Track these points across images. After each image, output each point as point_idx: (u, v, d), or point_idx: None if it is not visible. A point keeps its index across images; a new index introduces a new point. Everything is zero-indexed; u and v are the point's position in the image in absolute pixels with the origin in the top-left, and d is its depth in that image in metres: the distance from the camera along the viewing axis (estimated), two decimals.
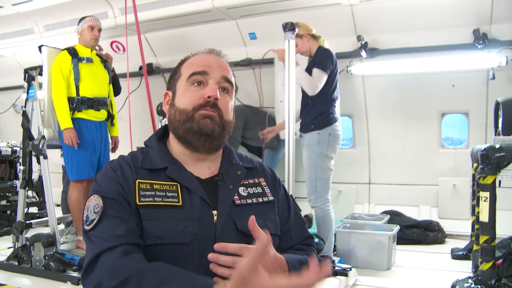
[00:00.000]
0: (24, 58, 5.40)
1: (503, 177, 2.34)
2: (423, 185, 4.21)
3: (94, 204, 0.92)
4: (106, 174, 0.97)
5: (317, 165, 2.97)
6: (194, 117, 0.98)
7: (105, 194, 0.92)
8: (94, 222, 0.89)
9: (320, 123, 2.97)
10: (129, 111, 3.38)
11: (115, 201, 0.91)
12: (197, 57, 1.06)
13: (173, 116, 1.02)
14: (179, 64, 1.08)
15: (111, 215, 0.89)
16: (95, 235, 0.88)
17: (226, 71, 1.04)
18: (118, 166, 0.98)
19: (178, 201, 0.94)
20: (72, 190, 3.03)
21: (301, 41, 3.01)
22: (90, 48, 3.11)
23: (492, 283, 2.28)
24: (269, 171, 1.14)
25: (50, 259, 2.78)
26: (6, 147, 4.65)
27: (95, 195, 0.93)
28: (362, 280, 2.73)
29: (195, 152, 1.02)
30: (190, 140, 1.00)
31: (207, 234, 0.92)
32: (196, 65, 1.02)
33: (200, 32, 4.44)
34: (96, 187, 0.95)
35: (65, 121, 2.89)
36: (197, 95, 0.99)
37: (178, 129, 1.01)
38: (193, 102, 0.99)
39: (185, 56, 1.09)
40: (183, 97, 1.01)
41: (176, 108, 1.01)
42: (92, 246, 0.87)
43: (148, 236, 0.89)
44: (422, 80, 3.97)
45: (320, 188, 2.98)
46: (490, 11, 3.44)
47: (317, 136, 2.97)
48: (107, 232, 0.87)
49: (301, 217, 1.15)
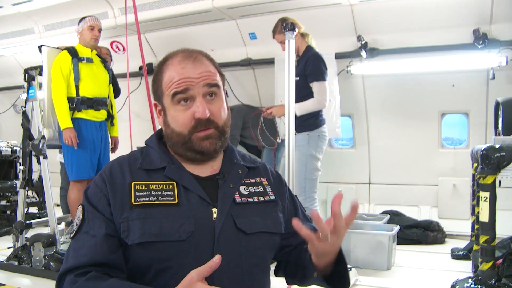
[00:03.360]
0: (24, 58, 5.39)
1: (503, 177, 2.34)
2: (423, 185, 4.21)
3: (78, 215, 0.96)
4: (95, 181, 0.99)
5: (306, 166, 3.02)
6: (192, 140, 0.98)
7: (86, 206, 0.96)
8: (73, 233, 0.95)
9: (310, 125, 3.03)
10: (129, 111, 3.37)
11: (94, 215, 0.93)
12: (173, 70, 0.98)
13: (170, 135, 1.01)
14: (156, 73, 1.02)
15: (84, 231, 0.93)
16: (71, 247, 0.93)
17: (207, 76, 0.97)
18: (109, 170, 0.99)
19: (173, 199, 0.94)
20: (72, 190, 3.04)
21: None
22: (90, 48, 3.11)
23: (492, 283, 2.28)
24: (273, 172, 1.14)
25: (50, 259, 2.78)
26: (6, 147, 4.65)
27: (81, 206, 0.98)
28: (362, 280, 2.73)
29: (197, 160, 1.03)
30: (193, 157, 1.01)
31: (205, 231, 0.92)
32: (176, 83, 0.96)
33: (200, 32, 4.44)
34: (85, 196, 0.99)
35: (65, 121, 2.89)
36: (187, 116, 0.96)
37: (177, 148, 1.01)
38: (186, 126, 0.97)
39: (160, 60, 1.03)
40: (174, 117, 0.98)
41: (172, 129, 1.00)
42: (65, 260, 0.93)
43: (143, 234, 0.89)
44: (422, 80, 3.97)
45: (308, 188, 3.04)
46: (490, 11, 3.44)
47: (307, 137, 3.02)
48: (77, 247, 0.92)
49: (308, 218, 1.16)
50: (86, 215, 0.94)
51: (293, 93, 2.66)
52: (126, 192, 0.94)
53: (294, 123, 2.70)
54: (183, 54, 1.00)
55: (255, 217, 0.99)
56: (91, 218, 0.93)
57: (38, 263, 2.83)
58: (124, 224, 0.91)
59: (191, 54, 1.00)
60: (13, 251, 3.05)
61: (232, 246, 0.94)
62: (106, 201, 0.94)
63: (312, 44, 3.09)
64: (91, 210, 0.94)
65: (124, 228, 0.91)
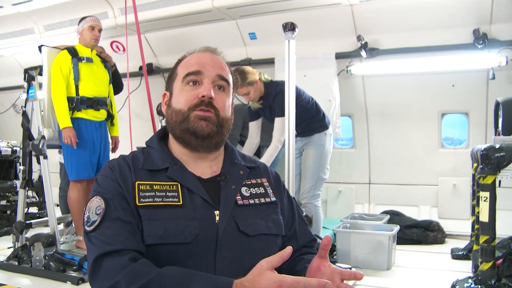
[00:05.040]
0: (24, 58, 5.40)
1: (503, 177, 2.34)
2: (423, 185, 4.21)
3: (96, 206, 0.91)
4: (105, 174, 0.97)
5: (321, 164, 3.14)
6: (189, 118, 0.98)
7: (106, 195, 0.92)
8: (95, 224, 0.89)
9: (326, 124, 3.19)
10: (129, 111, 3.37)
11: (116, 201, 0.91)
12: (192, 56, 1.05)
13: (170, 116, 1.02)
14: (176, 64, 1.08)
15: (113, 218, 0.89)
16: (96, 236, 0.88)
17: (221, 69, 1.03)
18: (117, 165, 0.98)
19: (178, 200, 0.93)
20: (72, 190, 3.03)
21: (253, 89, 3.02)
22: (90, 48, 3.11)
23: (492, 283, 2.28)
24: (273, 172, 1.14)
25: (50, 259, 2.78)
26: (6, 147, 4.64)
27: (97, 197, 0.93)
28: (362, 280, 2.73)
29: (194, 151, 1.02)
30: (188, 140, 1.00)
31: (209, 234, 0.92)
32: (191, 65, 1.02)
33: (200, 32, 4.44)
34: (97, 187, 0.96)
35: (64, 120, 2.88)
36: (192, 94, 0.99)
37: (175, 129, 1.01)
38: (188, 102, 0.99)
39: (182, 56, 1.09)
40: (178, 97, 1.01)
41: (173, 108, 1.01)
42: (93, 247, 0.87)
43: (148, 236, 0.89)
44: (422, 80, 3.97)
45: (318, 186, 3.15)
46: (490, 11, 3.44)
47: (324, 136, 3.15)
48: (109, 234, 0.87)
49: (304, 221, 1.16)
50: (111, 202, 0.91)
51: (293, 93, 2.65)
52: (130, 189, 0.93)
53: (294, 124, 2.71)
54: (206, 47, 1.07)
55: (257, 219, 0.99)
56: (119, 206, 0.91)
57: (38, 263, 2.83)
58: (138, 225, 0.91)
59: (213, 49, 1.07)
60: (13, 251, 3.05)
61: (235, 248, 0.93)
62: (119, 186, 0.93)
63: (266, 79, 3.10)
64: (116, 199, 0.91)
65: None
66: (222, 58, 1.07)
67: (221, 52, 1.08)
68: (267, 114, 3.17)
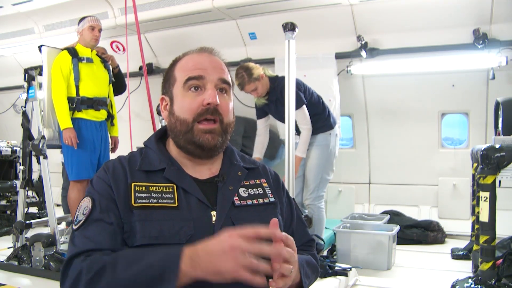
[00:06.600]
0: (24, 58, 5.40)
1: (503, 177, 2.34)
2: (423, 185, 4.21)
3: (85, 206, 0.94)
4: (99, 175, 0.98)
5: (325, 165, 3.11)
6: (194, 131, 0.97)
7: (95, 196, 0.94)
8: (80, 223, 0.91)
9: (330, 124, 3.15)
10: (129, 111, 3.38)
11: (103, 203, 0.92)
12: (189, 58, 1.02)
13: (173, 125, 1.00)
14: (171, 66, 1.04)
15: (96, 219, 0.90)
16: (77, 235, 0.90)
17: (222, 72, 1.00)
18: (111, 166, 0.99)
19: (173, 202, 0.94)
20: (72, 190, 3.04)
21: (260, 84, 3.01)
22: (90, 48, 3.11)
23: (492, 283, 2.28)
24: (272, 173, 1.14)
25: (50, 259, 2.78)
26: (6, 147, 4.65)
27: (87, 197, 0.95)
28: (362, 280, 2.73)
29: (196, 158, 1.02)
30: (192, 150, 0.99)
31: (205, 235, 0.91)
32: (191, 68, 0.98)
33: (200, 32, 4.44)
34: (90, 188, 0.97)
35: (65, 121, 2.89)
36: (196, 102, 0.97)
37: (179, 139, 1.00)
38: (192, 111, 0.96)
39: (176, 57, 1.06)
40: (181, 104, 0.98)
41: (176, 117, 0.99)
42: (72, 246, 0.90)
43: (143, 236, 0.89)
44: (422, 80, 3.97)
45: (321, 187, 3.12)
46: (490, 11, 3.44)
47: (329, 136, 3.13)
48: (89, 235, 0.89)
49: (303, 221, 1.16)
50: (97, 203, 0.92)
51: (293, 93, 2.66)
52: (127, 192, 0.94)
53: (294, 125, 2.71)
54: (201, 48, 1.04)
55: (254, 220, 0.97)
56: (104, 207, 0.91)
57: (38, 263, 2.82)
58: (127, 226, 0.91)
59: (210, 49, 1.04)
60: (13, 251, 3.05)
61: None
62: (110, 189, 0.94)
63: (270, 74, 3.10)
64: (103, 200, 0.92)
65: (126, 229, 0.91)
66: (220, 58, 1.05)
67: (218, 52, 1.06)
68: (273, 108, 3.15)
